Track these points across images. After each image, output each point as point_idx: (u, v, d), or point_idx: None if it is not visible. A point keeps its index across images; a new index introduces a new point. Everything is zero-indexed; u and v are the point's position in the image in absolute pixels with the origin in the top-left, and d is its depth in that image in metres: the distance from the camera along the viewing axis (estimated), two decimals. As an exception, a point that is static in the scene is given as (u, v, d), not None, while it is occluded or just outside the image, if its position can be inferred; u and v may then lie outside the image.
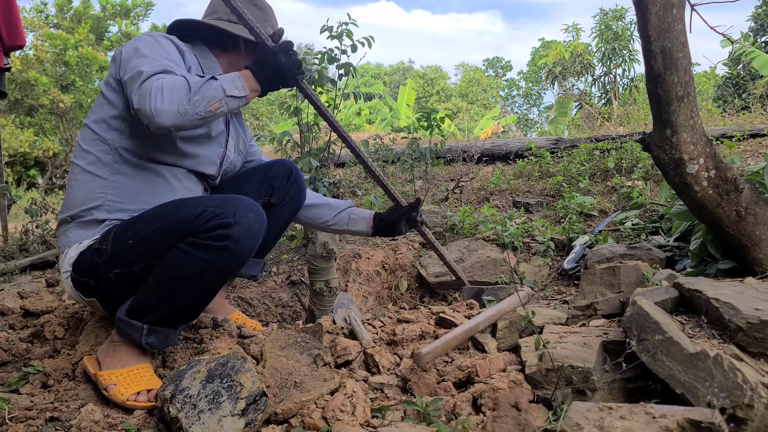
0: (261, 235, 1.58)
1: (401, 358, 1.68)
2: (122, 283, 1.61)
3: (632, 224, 2.97)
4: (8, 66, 3.68)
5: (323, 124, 3.41)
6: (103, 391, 1.55)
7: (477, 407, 1.38)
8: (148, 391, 1.54)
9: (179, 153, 1.73)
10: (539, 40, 29.92)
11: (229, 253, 1.51)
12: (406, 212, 2.14)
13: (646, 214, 3.20)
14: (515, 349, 1.65)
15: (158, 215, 1.59)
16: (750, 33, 12.25)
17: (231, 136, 1.93)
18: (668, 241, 2.54)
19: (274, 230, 2.03)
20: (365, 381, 1.58)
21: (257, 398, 1.32)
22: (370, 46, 3.15)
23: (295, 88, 1.93)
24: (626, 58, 14.96)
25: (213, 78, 1.55)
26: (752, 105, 8.15)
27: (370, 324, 1.96)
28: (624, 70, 15.13)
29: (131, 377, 1.56)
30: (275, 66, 1.65)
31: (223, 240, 1.49)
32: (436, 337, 1.74)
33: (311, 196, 2.16)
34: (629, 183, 3.84)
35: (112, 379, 1.55)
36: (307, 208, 2.14)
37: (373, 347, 1.72)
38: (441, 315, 1.92)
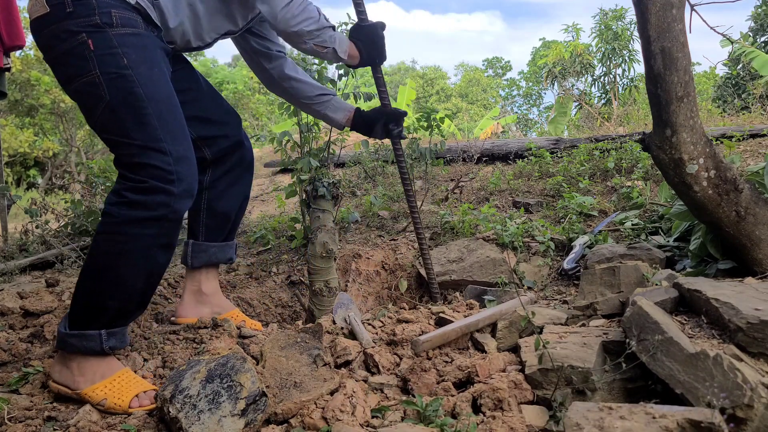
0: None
1: (401, 358, 1.68)
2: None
3: (632, 224, 2.97)
4: (8, 66, 3.67)
5: (323, 123, 3.41)
6: (98, 408, 1.50)
7: (477, 407, 1.38)
8: (145, 392, 1.52)
9: None
10: (539, 40, 29.91)
11: (165, 209, 1.53)
12: (385, 117, 2.16)
13: (646, 214, 3.20)
14: (515, 349, 1.65)
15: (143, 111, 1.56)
16: (750, 33, 12.25)
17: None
18: (668, 241, 2.54)
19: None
20: (365, 381, 1.58)
21: (257, 398, 1.32)
22: (370, 46, 3.15)
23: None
24: (626, 58, 14.95)
25: (333, 28, 1.88)
26: (752, 105, 8.14)
27: (370, 324, 1.96)
28: (624, 70, 15.12)
29: (118, 385, 1.52)
30: (374, 37, 1.97)
31: (162, 207, 1.53)
32: (436, 337, 1.74)
33: (299, 71, 2.18)
34: (629, 183, 3.83)
35: (99, 394, 1.51)
36: (290, 80, 2.15)
37: (372, 347, 1.72)
38: (441, 315, 1.92)
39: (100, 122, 1.59)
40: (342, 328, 1.92)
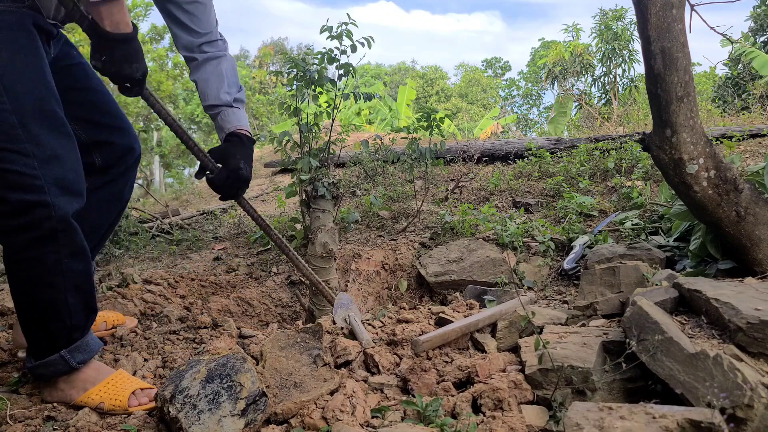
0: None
1: (401, 358, 1.68)
2: None
3: (632, 224, 2.97)
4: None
5: (323, 124, 3.41)
6: (97, 411, 1.48)
7: (477, 407, 1.38)
8: (142, 390, 1.51)
9: None
10: (539, 40, 29.90)
11: (48, 222, 1.37)
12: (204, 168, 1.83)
13: (646, 214, 3.20)
14: (515, 349, 1.65)
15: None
16: (750, 33, 12.26)
17: None
18: (668, 241, 2.54)
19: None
20: (365, 381, 1.58)
21: (257, 398, 1.32)
22: (369, 46, 3.15)
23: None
24: (626, 58, 14.95)
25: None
26: (752, 105, 8.14)
27: (370, 324, 1.96)
28: (624, 70, 15.12)
29: (113, 386, 1.50)
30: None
31: (44, 229, 1.36)
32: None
33: (206, 72, 1.83)
34: (629, 183, 3.83)
35: (96, 399, 1.48)
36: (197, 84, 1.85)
37: (372, 347, 1.72)
38: (441, 315, 1.92)
39: None
40: (342, 328, 1.92)
